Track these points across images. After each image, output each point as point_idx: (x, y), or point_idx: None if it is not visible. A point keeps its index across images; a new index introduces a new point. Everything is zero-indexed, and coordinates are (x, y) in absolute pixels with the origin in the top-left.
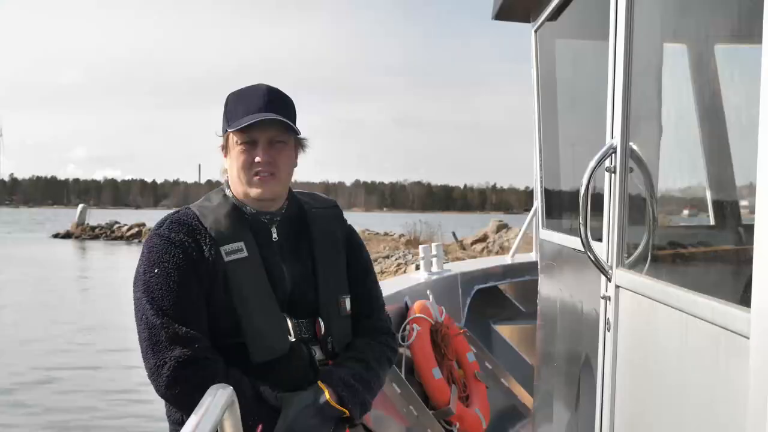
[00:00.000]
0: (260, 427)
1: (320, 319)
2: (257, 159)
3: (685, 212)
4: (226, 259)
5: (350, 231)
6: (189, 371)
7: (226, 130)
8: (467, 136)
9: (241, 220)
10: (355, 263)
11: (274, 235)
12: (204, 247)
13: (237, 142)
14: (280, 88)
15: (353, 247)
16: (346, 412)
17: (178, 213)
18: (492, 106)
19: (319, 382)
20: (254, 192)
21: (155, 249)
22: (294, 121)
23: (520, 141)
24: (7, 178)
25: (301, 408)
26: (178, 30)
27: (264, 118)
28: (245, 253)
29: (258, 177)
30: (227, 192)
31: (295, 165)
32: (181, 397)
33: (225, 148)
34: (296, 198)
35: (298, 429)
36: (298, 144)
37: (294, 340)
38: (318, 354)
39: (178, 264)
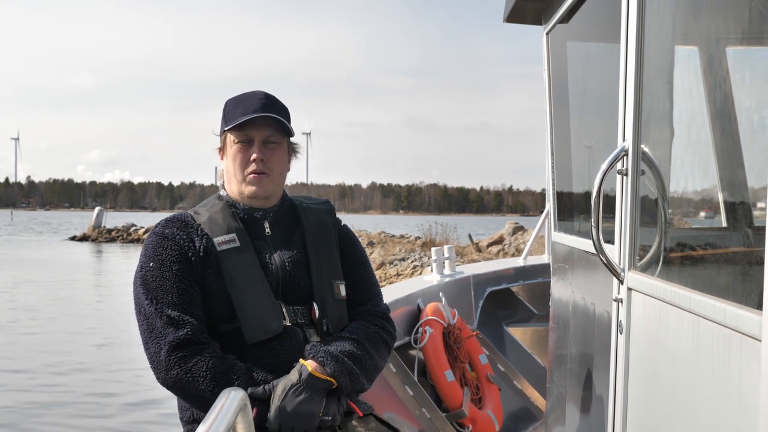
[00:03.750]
0: (255, 411)
1: (314, 303)
2: (253, 157)
3: (702, 214)
4: (219, 249)
5: (343, 228)
6: (183, 354)
7: (224, 131)
8: (482, 138)
9: (234, 216)
10: (349, 256)
11: (267, 229)
12: (196, 239)
13: (234, 141)
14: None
15: (346, 241)
16: (333, 381)
17: (174, 214)
18: (506, 107)
19: (300, 359)
20: (248, 190)
21: (150, 245)
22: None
23: (535, 143)
24: (24, 181)
25: (287, 388)
26: (192, 32)
27: (259, 115)
28: (237, 243)
29: (252, 176)
30: (222, 192)
31: (288, 169)
32: (178, 382)
33: (222, 149)
34: (289, 198)
35: (289, 409)
36: (291, 149)
37: (289, 324)
38: (314, 337)
39: (171, 255)
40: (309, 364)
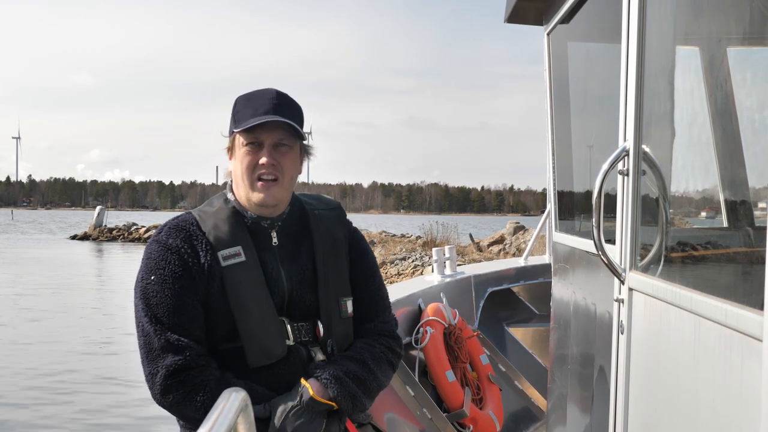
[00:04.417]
0: None
1: (319, 322)
2: (262, 161)
3: (703, 214)
4: (224, 264)
5: (354, 233)
6: (180, 379)
7: (233, 132)
8: (483, 138)
9: (240, 225)
10: (359, 266)
11: (274, 240)
12: (201, 253)
13: (242, 143)
14: (296, 90)
15: (356, 249)
16: (333, 404)
17: (177, 218)
18: (507, 107)
19: (302, 379)
20: (256, 197)
21: (153, 256)
22: (301, 127)
23: (537, 143)
24: (25, 180)
25: (287, 410)
26: (192, 32)
27: (271, 119)
28: (243, 258)
29: (261, 182)
30: (229, 195)
31: (300, 172)
32: (174, 404)
33: (231, 150)
34: (299, 200)
35: (288, 431)
36: (304, 150)
37: (292, 343)
38: (318, 356)
39: (173, 271)
40: (310, 387)
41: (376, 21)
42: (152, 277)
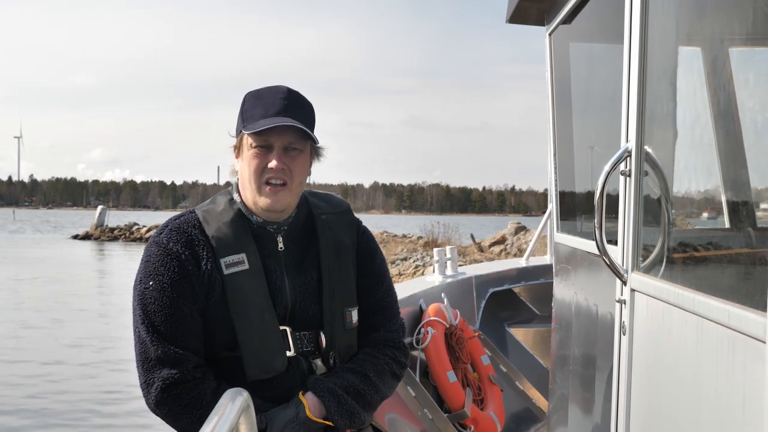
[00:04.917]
0: None
1: (322, 333)
2: (271, 165)
3: (705, 215)
4: (226, 272)
5: (363, 237)
6: (176, 392)
7: (241, 131)
8: (484, 138)
9: (245, 229)
10: (367, 273)
11: (280, 245)
12: (202, 260)
13: (251, 144)
14: (299, 90)
15: (365, 255)
16: (329, 423)
17: (180, 219)
18: (508, 107)
19: (299, 394)
20: (263, 202)
21: (152, 259)
22: (312, 128)
23: (538, 143)
24: (27, 180)
25: (284, 424)
26: (193, 32)
27: (281, 124)
28: (246, 266)
29: (269, 187)
30: (235, 196)
31: (309, 174)
32: (170, 416)
33: (238, 149)
34: (307, 202)
35: None
36: (314, 152)
37: (293, 354)
38: (319, 367)
39: (172, 278)
40: (307, 404)
41: (376, 21)
42: (150, 283)
